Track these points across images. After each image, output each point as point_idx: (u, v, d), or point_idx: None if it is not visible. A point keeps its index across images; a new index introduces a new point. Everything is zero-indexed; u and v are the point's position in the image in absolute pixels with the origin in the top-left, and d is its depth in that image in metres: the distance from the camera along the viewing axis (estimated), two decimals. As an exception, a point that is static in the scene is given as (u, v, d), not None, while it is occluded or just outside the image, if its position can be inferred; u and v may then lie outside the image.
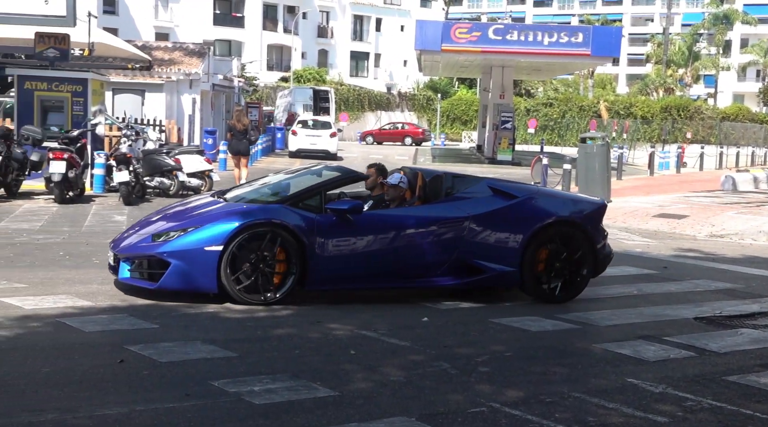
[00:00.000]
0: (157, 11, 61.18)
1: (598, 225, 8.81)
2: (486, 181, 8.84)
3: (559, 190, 9.73)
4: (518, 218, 8.40)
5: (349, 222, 8.00)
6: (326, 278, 7.97)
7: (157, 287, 7.70)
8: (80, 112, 17.69)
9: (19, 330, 6.49)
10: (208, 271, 7.59)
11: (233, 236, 7.59)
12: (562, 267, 8.45)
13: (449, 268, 8.26)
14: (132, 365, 5.76)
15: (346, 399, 5.25)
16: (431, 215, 8.32)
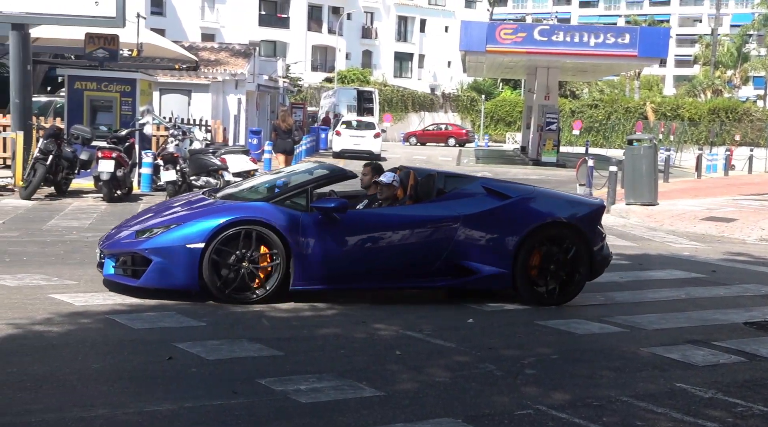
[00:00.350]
0: (203, 12, 61.74)
1: (595, 227, 8.58)
2: (480, 181, 8.68)
3: (557, 191, 9.47)
4: (511, 218, 8.24)
5: (335, 221, 7.89)
6: (312, 276, 7.83)
7: (139, 285, 7.69)
8: (128, 111, 17.93)
9: (70, 326, 6.59)
10: (189, 268, 7.56)
11: (215, 233, 7.56)
12: (557, 269, 8.28)
13: (439, 268, 8.11)
14: (180, 362, 5.82)
15: (392, 399, 5.25)
16: (419, 215, 8.18)
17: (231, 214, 7.74)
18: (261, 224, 7.67)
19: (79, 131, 16.22)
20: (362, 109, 45.57)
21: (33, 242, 10.41)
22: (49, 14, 15.54)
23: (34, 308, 7.03)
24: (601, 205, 8.94)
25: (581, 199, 9.24)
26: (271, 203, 7.95)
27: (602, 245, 8.65)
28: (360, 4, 70.91)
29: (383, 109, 55.19)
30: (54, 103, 23.88)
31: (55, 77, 29.90)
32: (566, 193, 9.55)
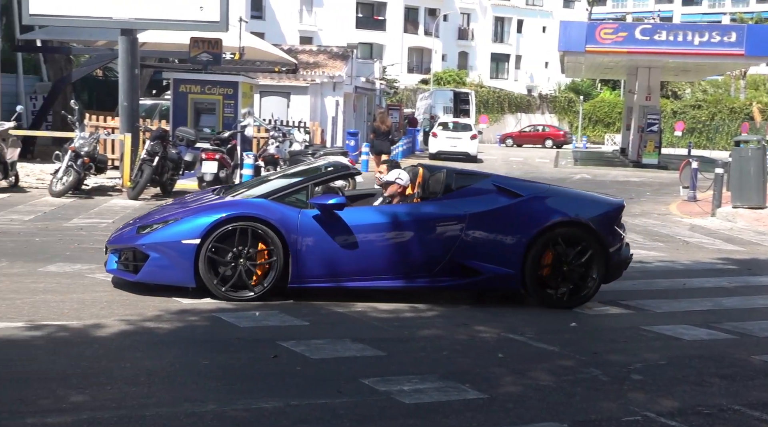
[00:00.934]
0: (301, 15, 62.56)
1: (612, 227, 8.22)
2: (492, 179, 8.43)
3: (575, 190, 9.07)
4: (520, 217, 7.97)
5: (334, 217, 7.75)
6: (311, 274, 7.72)
7: (137, 280, 7.73)
8: (231, 114, 18.31)
9: (179, 323, 6.77)
10: (185, 264, 7.52)
11: (210, 229, 7.50)
12: (570, 271, 8.01)
13: (444, 268, 7.89)
14: (285, 360, 5.91)
15: (496, 402, 5.22)
16: (422, 213, 7.99)
17: (227, 210, 7.68)
18: (257, 220, 7.58)
19: (183, 133, 16.63)
20: (458, 111, 45.47)
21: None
22: (156, 19, 15.99)
23: (144, 306, 7.24)
24: (620, 205, 8.54)
25: (599, 198, 8.78)
26: (270, 200, 7.87)
27: (619, 247, 8.28)
28: (456, 6, 70.77)
29: (479, 111, 54.95)
30: (159, 106, 24.54)
31: (160, 80, 30.75)
32: (586, 192, 9.08)
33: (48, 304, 7.13)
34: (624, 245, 8.43)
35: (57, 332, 6.31)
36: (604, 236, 8.07)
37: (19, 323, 6.46)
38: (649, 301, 8.64)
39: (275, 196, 7.94)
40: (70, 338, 6.18)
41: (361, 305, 7.74)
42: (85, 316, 6.80)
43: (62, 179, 14.83)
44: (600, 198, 8.76)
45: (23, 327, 6.36)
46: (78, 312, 6.91)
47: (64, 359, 5.66)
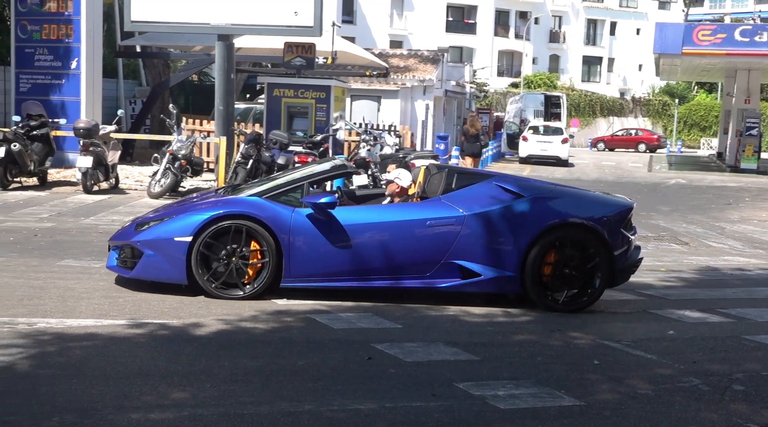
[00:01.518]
0: (392, 19, 62.85)
1: (618, 229, 7.93)
2: (495, 179, 8.17)
3: (582, 190, 8.76)
4: (520, 218, 7.75)
5: (328, 216, 7.67)
6: (303, 273, 7.66)
7: (131, 276, 7.79)
8: (323, 117, 18.50)
9: (275, 324, 6.87)
10: (177, 262, 7.54)
11: (203, 227, 7.51)
12: (572, 274, 7.78)
13: (441, 269, 7.72)
14: (379, 362, 5.94)
15: (593, 410, 5.15)
16: (419, 212, 7.83)
17: (220, 208, 7.68)
18: (249, 218, 7.56)
19: (277, 137, 16.86)
20: (549, 115, 44.96)
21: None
22: (252, 25, 16.27)
23: (241, 306, 7.37)
24: (627, 206, 8.21)
25: (606, 199, 8.41)
26: (264, 198, 7.85)
27: (626, 250, 8.00)
28: (548, 8, 70.07)
29: (570, 114, 54.26)
30: (253, 110, 24.97)
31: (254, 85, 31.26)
32: (593, 192, 8.77)
33: (149, 303, 7.32)
34: (632, 248, 8.16)
35: (158, 330, 6.48)
36: (608, 238, 7.82)
37: (121, 321, 6.66)
38: (750, 310, 8.39)
39: (269, 195, 7.92)
40: (170, 336, 6.34)
41: (454, 308, 7.73)
42: (184, 315, 6.97)
43: (160, 181, 15.21)
44: (607, 199, 8.43)
45: (126, 325, 6.55)
46: (177, 311, 7.09)
47: (165, 357, 5.81)
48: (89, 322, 6.59)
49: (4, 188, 15.04)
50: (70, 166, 17.92)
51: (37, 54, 18.88)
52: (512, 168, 31.00)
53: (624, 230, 8.01)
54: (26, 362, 5.52)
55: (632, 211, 8.24)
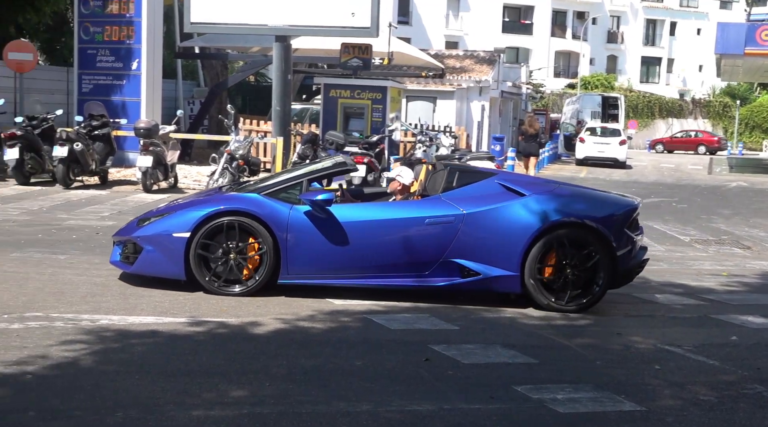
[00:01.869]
0: (447, 20, 62.75)
1: (622, 229, 7.78)
2: (497, 177, 8.12)
3: (586, 189, 8.59)
4: (520, 217, 7.64)
5: (326, 213, 7.66)
6: (301, 270, 7.66)
7: (132, 271, 7.87)
8: (379, 118, 18.55)
9: (332, 324, 6.89)
10: (175, 257, 7.59)
11: (200, 223, 7.55)
12: (574, 274, 7.65)
13: (440, 268, 7.67)
14: (437, 364, 5.93)
15: (654, 415, 5.08)
16: (419, 210, 7.78)
17: (218, 204, 7.72)
18: (247, 215, 7.59)
19: (333, 137, 16.93)
20: (607, 116, 44.47)
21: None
22: (310, 26, 16.37)
23: (298, 306, 7.42)
24: (631, 206, 8.04)
25: (609, 198, 8.26)
26: (263, 195, 7.84)
27: (629, 250, 7.84)
28: (606, 9, 69.33)
29: (628, 116, 53.61)
30: (309, 110, 25.11)
31: (310, 86, 31.47)
32: (598, 191, 8.62)
33: (208, 301, 7.40)
34: (637, 249, 8.02)
35: (217, 328, 6.54)
36: (611, 238, 7.67)
37: (182, 319, 6.74)
38: (816, 316, 8.20)
39: (268, 192, 7.91)
40: (229, 335, 6.40)
41: (511, 310, 7.68)
42: (242, 313, 7.03)
43: (218, 181, 15.37)
44: (611, 198, 8.28)
45: (186, 322, 6.63)
46: (236, 310, 7.15)
47: (224, 355, 5.86)
48: (150, 319, 6.69)
49: (66, 187, 15.34)
50: (130, 166, 18.21)
51: (99, 55, 19.22)
52: (568, 169, 30.74)
53: (628, 230, 7.87)
54: (90, 358, 5.62)
55: (637, 211, 8.10)
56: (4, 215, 11.98)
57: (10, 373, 5.20)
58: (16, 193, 14.49)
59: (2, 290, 7.41)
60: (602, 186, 23.81)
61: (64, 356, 5.59)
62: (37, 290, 7.46)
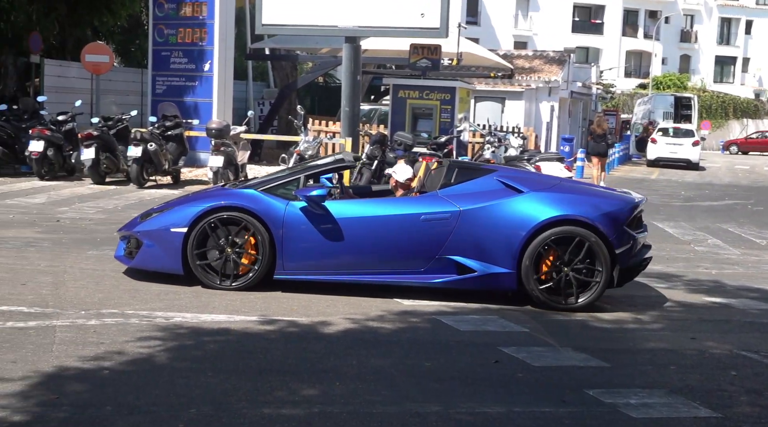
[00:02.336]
0: (516, 20, 62.31)
1: (621, 227, 7.63)
2: (497, 174, 8.02)
3: (587, 186, 8.50)
4: (517, 214, 7.58)
5: (321, 210, 7.67)
6: (296, 266, 7.70)
7: (132, 266, 8.00)
8: (447, 119, 18.52)
9: (401, 324, 6.90)
10: (173, 252, 7.68)
11: (198, 218, 7.64)
12: (572, 272, 7.54)
13: (436, 264, 7.64)
14: (506, 366, 5.89)
15: (730, 422, 4.96)
16: (415, 207, 7.75)
17: (215, 200, 7.81)
18: (243, 210, 7.66)
19: (401, 138, 16.95)
20: (679, 117, 43.70)
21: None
22: (379, 27, 16.39)
23: (367, 306, 7.44)
24: (632, 204, 7.88)
25: (610, 195, 8.14)
26: (260, 191, 7.90)
27: (629, 248, 7.69)
28: (679, 7, 68.05)
29: (701, 116, 52.55)
30: (378, 111, 25.18)
31: (378, 86, 31.55)
32: (598, 188, 8.44)
33: (279, 300, 7.48)
34: (638, 247, 7.87)
35: (288, 327, 6.60)
36: (609, 235, 7.55)
37: (253, 317, 6.81)
38: None
39: (266, 188, 7.97)
40: (299, 334, 6.45)
41: (582, 313, 7.59)
42: (312, 313, 7.08)
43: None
44: (611, 195, 8.15)
45: (257, 321, 6.71)
46: (306, 309, 7.20)
47: (295, 354, 5.91)
48: (222, 317, 6.78)
49: (140, 186, 15.65)
50: (201, 166, 18.49)
51: (173, 57, 19.56)
52: (639, 171, 30.27)
53: (628, 228, 7.75)
54: (164, 354, 5.72)
55: (639, 209, 7.96)
56: (81, 214, 12.27)
57: (88, 368, 5.33)
58: (92, 193, 14.83)
59: (79, 287, 7.59)
60: (675, 188, 23.42)
61: (139, 353, 5.70)
62: (112, 287, 7.62)
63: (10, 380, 5.00)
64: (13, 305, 6.79)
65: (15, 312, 6.58)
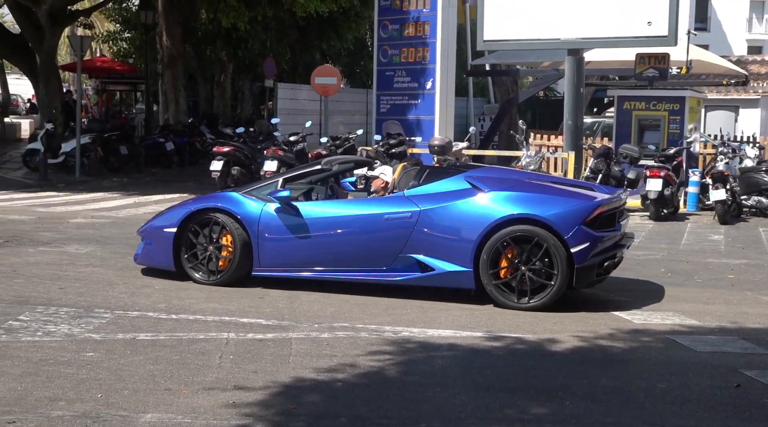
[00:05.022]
0: (750, 24, 58.98)
1: (578, 226, 7.51)
2: (466, 174, 8.14)
3: (554, 184, 8.44)
4: (472, 213, 7.73)
5: (293, 210, 8.19)
6: (270, 263, 8.24)
7: (137, 263, 8.86)
8: (676, 130, 17.77)
9: (632, 343, 6.66)
10: (165, 250, 8.45)
11: (185, 219, 8.39)
12: (529, 271, 7.54)
13: (398, 263, 7.89)
14: (749, 390, 5.54)
15: None
16: (379, 207, 8.10)
17: (202, 203, 8.68)
18: (223, 212, 8.32)
19: (627, 151, 16.48)
20: None
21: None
22: (603, 38, 16.01)
23: (596, 323, 7.25)
24: (593, 204, 7.72)
25: (572, 194, 8.03)
26: (242, 193, 8.53)
27: (587, 247, 7.51)
28: None
29: None
30: (601, 124, 24.61)
31: (601, 98, 30.85)
32: (563, 187, 8.27)
33: (503, 316, 7.44)
34: (599, 247, 7.66)
35: (514, 343, 6.55)
36: (565, 235, 7.49)
37: (479, 333, 6.81)
38: None
39: (247, 191, 8.62)
40: (527, 351, 6.38)
41: (831, 336, 7.02)
42: (538, 330, 6.98)
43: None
44: (571, 194, 8.05)
45: (483, 337, 6.70)
46: (532, 326, 7.12)
47: (523, 371, 5.85)
48: (448, 332, 6.83)
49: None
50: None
51: (396, 76, 20.02)
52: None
53: (587, 227, 7.58)
54: (394, 368, 5.83)
55: (599, 209, 7.72)
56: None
57: (323, 380, 5.52)
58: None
59: (312, 300, 7.90)
60: None
61: (370, 366, 5.84)
62: (342, 302, 7.87)
63: (252, 389, 5.27)
64: (252, 317, 7.17)
65: (254, 324, 6.94)
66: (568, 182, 9.38)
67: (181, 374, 5.53)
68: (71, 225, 12.66)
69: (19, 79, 46.38)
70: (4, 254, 9.89)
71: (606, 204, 7.88)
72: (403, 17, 19.57)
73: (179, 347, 6.20)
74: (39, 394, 5.08)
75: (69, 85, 45.19)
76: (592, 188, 8.65)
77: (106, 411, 4.82)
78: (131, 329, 6.65)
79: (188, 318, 7.08)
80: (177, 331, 6.66)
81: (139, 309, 7.33)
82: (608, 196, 8.14)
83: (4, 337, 6.33)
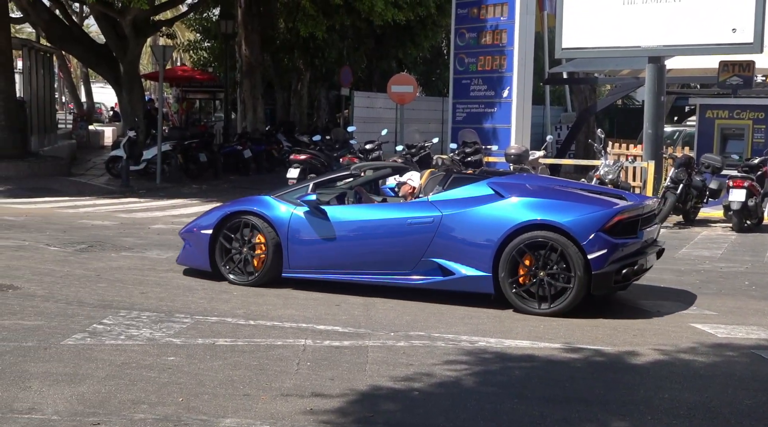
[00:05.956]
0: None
1: (596, 233, 7.51)
2: (490, 180, 8.30)
3: (574, 191, 8.41)
4: (493, 219, 7.84)
5: (321, 214, 8.42)
6: (298, 265, 8.50)
7: (178, 262, 9.26)
8: (761, 139, 17.34)
9: (715, 358, 6.50)
10: (203, 251, 8.79)
11: (221, 221, 8.72)
12: (547, 276, 7.59)
13: (420, 267, 8.07)
14: (840, 409, 5.35)
15: None
16: (404, 212, 8.28)
17: (236, 206, 8.97)
18: (256, 215, 8.63)
19: (709, 160, 16.11)
20: None
21: (667, 269, 10.50)
22: (685, 45, 15.72)
23: (677, 336, 7.10)
24: (611, 211, 7.68)
25: (592, 200, 8.04)
26: (274, 197, 8.81)
27: (605, 254, 7.50)
28: None
29: None
30: (682, 133, 24.14)
31: (681, 107, 30.28)
32: (584, 193, 8.24)
33: (582, 328, 7.33)
34: (618, 254, 7.61)
35: (593, 356, 6.45)
36: (582, 241, 7.51)
37: (557, 344, 6.73)
38: None
39: (280, 194, 8.90)
40: (606, 363, 6.27)
41: None
42: (618, 342, 6.86)
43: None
44: (592, 200, 8.05)
45: (561, 348, 6.61)
46: (611, 338, 7.00)
47: (602, 384, 5.76)
48: (526, 343, 6.76)
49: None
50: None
51: (472, 85, 19.97)
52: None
53: (605, 234, 7.55)
54: (470, 378, 5.79)
55: (619, 216, 7.68)
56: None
57: (399, 388, 5.52)
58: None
59: (388, 308, 7.91)
60: None
61: (446, 375, 5.82)
62: (418, 310, 7.86)
63: (329, 397, 5.30)
64: (329, 324, 7.21)
65: (331, 332, 6.98)
66: (595, 189, 9.30)
67: (260, 380, 5.60)
68: (152, 231, 12.94)
69: (103, 87, 47.72)
70: (88, 258, 10.15)
71: (626, 211, 7.85)
72: (480, 26, 19.52)
73: (257, 352, 6.27)
74: (122, 397, 5.19)
75: (151, 93, 46.26)
76: (622, 196, 8.58)
77: (187, 415, 4.90)
78: (210, 334, 6.75)
79: (266, 324, 7.16)
80: (255, 337, 6.74)
81: (218, 315, 7.44)
82: (629, 203, 8.12)
83: (89, 340, 6.49)
